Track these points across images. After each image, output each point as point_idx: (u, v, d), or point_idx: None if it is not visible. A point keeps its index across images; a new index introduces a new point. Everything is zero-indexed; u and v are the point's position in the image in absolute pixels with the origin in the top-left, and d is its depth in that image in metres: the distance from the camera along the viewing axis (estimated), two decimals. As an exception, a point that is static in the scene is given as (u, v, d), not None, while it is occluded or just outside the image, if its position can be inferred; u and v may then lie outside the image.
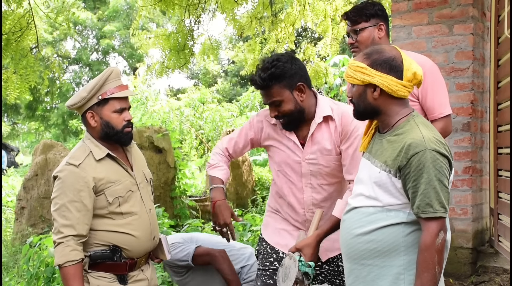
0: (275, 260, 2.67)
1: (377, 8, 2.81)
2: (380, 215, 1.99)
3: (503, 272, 3.76)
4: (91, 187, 2.35)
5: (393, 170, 1.95)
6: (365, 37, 2.78)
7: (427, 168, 1.87)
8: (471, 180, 3.87)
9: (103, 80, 2.40)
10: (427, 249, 1.86)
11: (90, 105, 2.41)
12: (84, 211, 2.33)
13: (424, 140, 1.90)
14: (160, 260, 2.77)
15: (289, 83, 2.44)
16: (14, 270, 6.05)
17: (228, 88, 23.01)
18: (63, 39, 21.61)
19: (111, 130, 2.43)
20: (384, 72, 1.99)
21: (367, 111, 2.08)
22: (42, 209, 7.55)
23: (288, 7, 8.00)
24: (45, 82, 6.81)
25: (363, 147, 2.18)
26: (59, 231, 2.31)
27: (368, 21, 2.78)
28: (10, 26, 5.76)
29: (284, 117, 2.49)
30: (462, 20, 3.85)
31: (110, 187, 2.40)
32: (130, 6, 21.95)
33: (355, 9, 2.83)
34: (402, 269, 1.97)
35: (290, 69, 2.45)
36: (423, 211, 1.88)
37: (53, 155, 7.89)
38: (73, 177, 2.34)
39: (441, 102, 2.72)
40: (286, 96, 2.45)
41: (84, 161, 2.39)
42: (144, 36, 7.84)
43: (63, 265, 2.28)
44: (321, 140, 2.53)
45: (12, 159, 19.06)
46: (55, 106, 22.09)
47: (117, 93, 2.42)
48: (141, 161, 2.66)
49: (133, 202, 2.48)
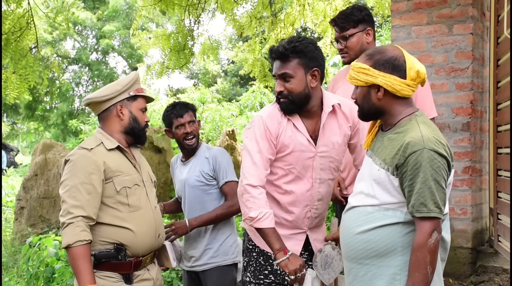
0: (270, 273, 2.59)
1: (364, 14, 2.84)
2: (377, 214, 2.00)
3: (502, 272, 3.76)
4: (102, 170, 2.41)
5: (391, 168, 1.95)
6: (354, 43, 2.81)
7: (423, 167, 1.87)
8: (470, 180, 3.87)
9: (134, 80, 2.59)
10: (420, 249, 1.87)
11: (121, 98, 2.55)
12: (94, 193, 2.37)
13: (422, 140, 1.90)
14: (165, 268, 2.78)
15: (307, 63, 2.40)
16: (14, 270, 6.05)
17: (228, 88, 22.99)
18: (62, 39, 21.57)
19: (138, 125, 2.59)
20: (387, 72, 1.99)
21: (372, 111, 2.08)
22: (42, 209, 7.55)
23: (288, 7, 8.00)
24: (44, 82, 6.81)
25: (366, 145, 2.19)
26: (69, 212, 2.32)
27: (356, 27, 2.81)
28: (10, 26, 5.76)
29: (288, 96, 2.41)
30: (462, 20, 3.85)
31: (119, 176, 2.46)
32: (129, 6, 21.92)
33: (343, 15, 2.85)
34: (399, 269, 1.97)
35: (313, 51, 2.41)
36: (417, 211, 1.88)
37: (52, 155, 7.89)
38: (85, 160, 2.41)
39: (429, 105, 2.75)
40: (299, 74, 2.40)
41: (96, 148, 2.47)
42: (144, 36, 7.84)
43: (73, 244, 2.27)
44: (330, 132, 2.50)
45: (11, 159, 19.04)
46: (54, 106, 22.06)
47: (145, 93, 2.63)
48: (145, 163, 2.74)
49: (139, 197, 2.52)
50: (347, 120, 2.52)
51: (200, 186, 3.22)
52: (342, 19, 2.84)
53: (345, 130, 2.53)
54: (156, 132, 7.30)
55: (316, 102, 2.48)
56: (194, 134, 3.27)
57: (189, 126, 3.26)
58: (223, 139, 8.16)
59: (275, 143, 2.46)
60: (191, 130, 3.26)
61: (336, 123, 2.52)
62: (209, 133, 12.46)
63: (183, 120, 3.25)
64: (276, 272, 2.59)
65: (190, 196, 3.26)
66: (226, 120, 12.66)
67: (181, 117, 3.25)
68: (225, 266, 3.19)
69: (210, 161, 3.23)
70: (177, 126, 3.26)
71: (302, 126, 2.47)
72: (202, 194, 3.22)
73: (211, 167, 3.22)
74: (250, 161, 2.43)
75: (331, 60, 10.18)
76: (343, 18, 2.84)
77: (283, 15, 7.73)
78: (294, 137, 2.46)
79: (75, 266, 2.27)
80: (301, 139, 2.46)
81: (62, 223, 2.33)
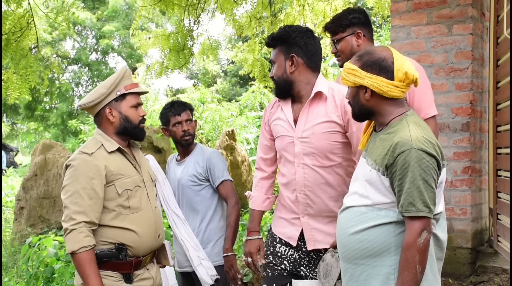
0: (271, 254, 2.73)
1: (352, 17, 2.84)
2: (371, 214, 2.01)
3: (502, 272, 3.77)
4: (103, 175, 2.40)
5: (381, 168, 1.97)
6: (344, 46, 2.83)
7: (412, 167, 1.88)
8: (470, 180, 3.87)
9: (120, 77, 2.53)
10: (409, 248, 1.88)
11: (108, 101, 2.50)
12: (95, 198, 2.36)
13: (411, 139, 1.91)
14: (163, 266, 2.79)
15: (286, 50, 2.55)
16: (13, 270, 6.05)
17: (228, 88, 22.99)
18: (62, 39, 21.56)
19: (130, 124, 2.54)
20: (374, 73, 2.00)
21: (362, 112, 2.10)
22: (41, 209, 7.55)
23: (288, 7, 8.00)
24: (45, 82, 6.80)
25: (362, 145, 2.20)
26: (71, 218, 2.32)
27: (344, 31, 2.82)
28: (10, 26, 5.76)
29: (275, 81, 2.61)
30: (461, 20, 3.85)
31: (120, 179, 2.45)
32: (129, 6, 21.91)
33: (333, 20, 2.89)
34: (393, 269, 1.97)
35: (293, 38, 2.55)
36: (406, 210, 1.89)
37: (52, 155, 7.89)
38: (86, 165, 2.40)
39: (427, 103, 2.74)
40: (279, 60, 2.58)
41: (97, 151, 2.46)
42: (144, 36, 7.85)
43: (78, 251, 2.28)
44: (315, 118, 2.52)
45: (11, 159, 19.04)
46: (54, 106, 22.05)
47: (134, 89, 2.56)
48: (145, 163, 2.73)
49: (140, 198, 2.52)
50: (336, 109, 2.50)
51: (192, 186, 3.26)
52: (332, 24, 2.88)
53: (333, 118, 2.49)
54: (156, 132, 7.31)
55: (303, 88, 2.56)
56: (190, 133, 3.30)
57: (186, 125, 3.29)
58: (222, 139, 8.16)
59: (267, 129, 2.73)
60: (188, 129, 3.29)
61: (324, 110, 2.51)
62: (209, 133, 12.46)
63: (180, 118, 3.28)
64: (277, 254, 2.69)
65: (182, 195, 3.30)
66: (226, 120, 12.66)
67: (179, 115, 3.28)
68: (218, 267, 3.21)
69: (204, 161, 3.26)
70: (174, 124, 3.29)
71: (288, 111, 2.60)
72: (192, 194, 3.26)
73: (205, 168, 3.25)
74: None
75: (331, 60, 10.20)
76: (333, 23, 2.88)
77: (283, 15, 7.73)
78: (279, 121, 2.63)
79: (82, 272, 2.29)
80: (284, 123, 2.60)
81: (65, 229, 2.34)
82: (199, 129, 12.54)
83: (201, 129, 12.84)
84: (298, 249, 2.63)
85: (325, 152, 2.51)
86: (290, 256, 2.65)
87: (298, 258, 2.64)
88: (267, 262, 2.72)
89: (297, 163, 2.55)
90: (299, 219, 2.60)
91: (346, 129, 2.50)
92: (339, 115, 2.49)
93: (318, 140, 2.50)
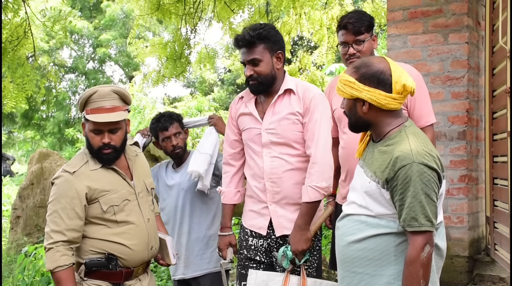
0: (245, 248, 2.80)
1: (370, 18, 2.81)
2: (371, 223, 2.00)
3: (499, 280, 3.76)
4: (83, 196, 2.36)
5: (381, 182, 1.95)
6: (369, 48, 2.75)
7: (413, 181, 1.86)
8: (467, 189, 3.88)
9: (84, 99, 2.37)
10: (412, 263, 1.86)
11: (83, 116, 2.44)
12: (75, 219, 2.34)
13: (411, 153, 1.89)
14: (166, 264, 2.76)
15: (272, 47, 2.64)
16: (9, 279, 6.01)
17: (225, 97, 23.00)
18: (59, 48, 21.57)
19: (91, 147, 2.44)
20: (372, 86, 1.98)
21: (359, 124, 2.09)
22: (38, 218, 7.52)
23: (284, 16, 8.04)
24: (41, 91, 6.80)
25: (358, 154, 2.19)
26: (50, 236, 2.33)
27: (368, 32, 2.75)
28: (7, 35, 5.76)
29: (258, 78, 2.64)
30: (457, 29, 3.87)
31: (105, 195, 2.41)
32: (126, 15, 21.94)
33: (356, 19, 2.74)
34: (392, 278, 1.96)
35: (275, 36, 2.67)
36: (409, 225, 1.87)
37: (49, 164, 7.87)
38: (67, 185, 2.37)
39: (427, 111, 2.73)
40: (266, 57, 2.64)
41: (80, 169, 2.41)
42: (141, 45, 7.87)
43: (54, 270, 2.30)
44: (281, 111, 2.66)
45: (7, 168, 18.96)
46: (51, 114, 22.01)
47: (91, 116, 2.35)
48: (143, 171, 2.65)
49: (130, 211, 2.47)
50: (299, 101, 2.65)
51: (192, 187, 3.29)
52: (357, 22, 2.72)
53: (296, 109, 2.64)
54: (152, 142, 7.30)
55: (279, 83, 2.70)
56: (180, 146, 3.29)
57: (175, 139, 3.29)
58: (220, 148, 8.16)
59: (234, 124, 2.84)
60: (177, 143, 3.29)
61: (289, 103, 2.66)
62: (205, 142, 12.42)
63: (168, 133, 3.28)
64: (250, 247, 2.77)
65: (184, 199, 3.30)
66: (223, 129, 12.66)
67: (166, 130, 3.28)
68: (217, 273, 3.20)
69: None
70: (163, 139, 3.29)
71: (252, 106, 2.73)
72: (192, 197, 3.28)
73: None
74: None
75: (328, 69, 10.20)
76: (358, 21, 2.72)
77: (280, 24, 7.76)
78: (245, 116, 2.76)
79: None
80: (249, 117, 2.74)
81: (44, 246, 2.36)
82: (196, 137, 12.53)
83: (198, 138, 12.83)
84: (267, 237, 2.72)
85: (290, 142, 2.66)
86: (261, 246, 2.75)
87: (268, 247, 2.73)
88: (241, 256, 2.80)
89: (264, 152, 2.68)
90: (267, 208, 2.71)
91: (303, 117, 2.65)
92: (301, 107, 2.65)
93: (284, 131, 2.65)
